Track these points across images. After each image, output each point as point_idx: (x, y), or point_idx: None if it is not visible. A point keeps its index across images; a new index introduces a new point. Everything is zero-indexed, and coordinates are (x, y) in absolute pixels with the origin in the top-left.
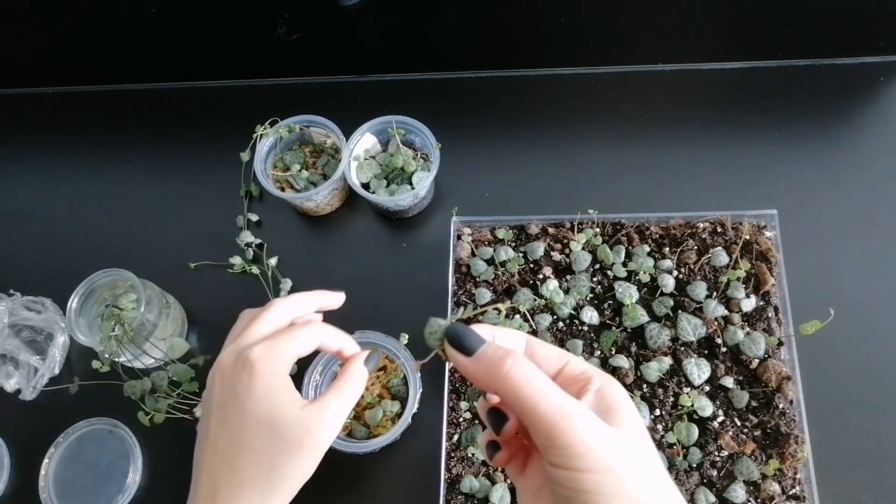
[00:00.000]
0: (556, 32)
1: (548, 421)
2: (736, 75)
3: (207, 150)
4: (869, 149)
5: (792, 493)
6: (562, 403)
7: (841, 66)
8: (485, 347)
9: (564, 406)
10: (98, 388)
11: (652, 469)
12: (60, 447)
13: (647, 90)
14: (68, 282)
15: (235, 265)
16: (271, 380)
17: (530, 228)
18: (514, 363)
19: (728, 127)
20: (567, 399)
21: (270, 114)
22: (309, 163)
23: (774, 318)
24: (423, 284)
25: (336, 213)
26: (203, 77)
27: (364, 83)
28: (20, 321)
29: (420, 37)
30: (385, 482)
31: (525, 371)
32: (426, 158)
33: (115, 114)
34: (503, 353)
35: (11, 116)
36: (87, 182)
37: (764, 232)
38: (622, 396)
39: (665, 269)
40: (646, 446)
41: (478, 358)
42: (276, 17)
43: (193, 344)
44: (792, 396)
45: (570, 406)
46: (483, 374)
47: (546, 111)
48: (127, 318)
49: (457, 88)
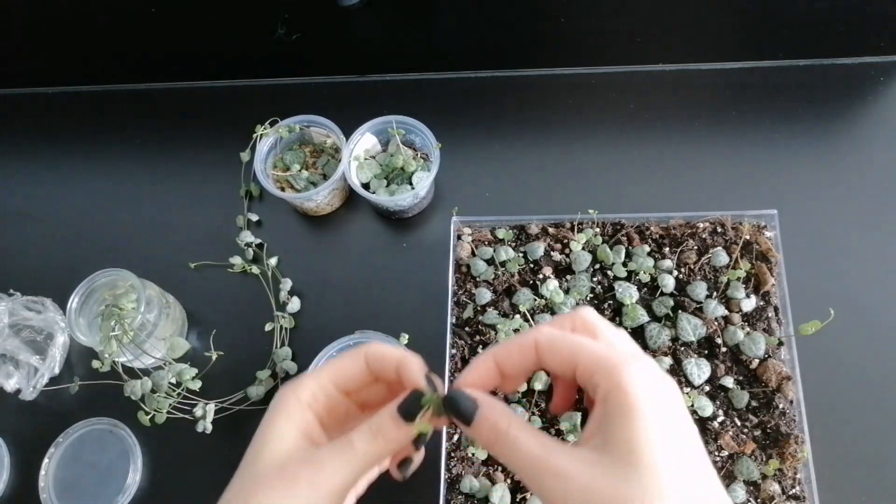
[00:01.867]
0: (556, 32)
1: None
2: (736, 75)
3: (207, 150)
4: (869, 149)
5: (792, 493)
6: (549, 455)
7: (841, 66)
8: (478, 419)
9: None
10: (98, 388)
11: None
12: (60, 447)
13: (647, 90)
14: (68, 282)
15: (235, 265)
16: (276, 410)
17: (530, 228)
18: (497, 439)
19: (728, 127)
20: (551, 450)
21: (270, 114)
22: (309, 163)
23: (774, 318)
24: (423, 284)
25: (336, 213)
26: (203, 77)
27: (364, 83)
28: (20, 321)
29: (420, 37)
30: (385, 482)
31: (507, 441)
32: (426, 158)
33: (114, 114)
34: (489, 426)
35: (11, 116)
36: (87, 182)
37: (764, 232)
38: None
39: (665, 269)
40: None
41: (475, 430)
42: (276, 17)
43: (193, 344)
44: (792, 396)
45: (556, 458)
46: (483, 441)
47: (546, 111)
48: (127, 318)
49: (457, 88)
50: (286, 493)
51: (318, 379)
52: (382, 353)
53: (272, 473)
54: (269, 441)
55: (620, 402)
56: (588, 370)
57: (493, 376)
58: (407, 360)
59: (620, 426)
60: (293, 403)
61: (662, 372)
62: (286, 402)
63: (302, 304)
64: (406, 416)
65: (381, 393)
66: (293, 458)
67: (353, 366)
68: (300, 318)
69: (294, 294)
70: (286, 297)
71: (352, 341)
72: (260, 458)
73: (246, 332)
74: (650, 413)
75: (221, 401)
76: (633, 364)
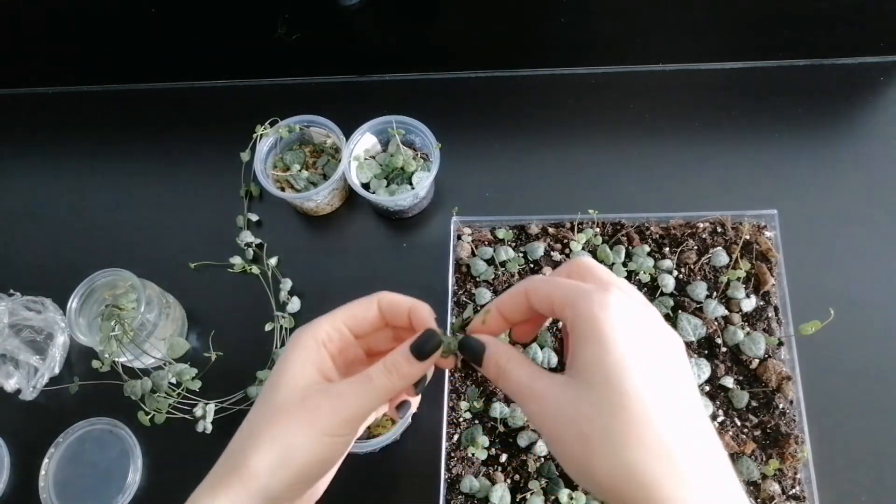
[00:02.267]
0: (555, 32)
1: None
2: (736, 75)
3: (207, 150)
4: (869, 149)
5: (792, 493)
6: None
7: (841, 66)
8: (485, 358)
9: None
10: (98, 388)
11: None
12: (60, 447)
13: (647, 90)
14: (68, 282)
15: (235, 265)
16: (295, 347)
17: (530, 228)
18: (499, 374)
19: (728, 127)
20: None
21: (270, 114)
22: (309, 163)
23: (774, 318)
24: (423, 284)
25: (336, 213)
26: (203, 77)
27: (364, 83)
28: (20, 321)
29: (420, 37)
30: (385, 482)
31: (504, 373)
32: (426, 158)
33: (115, 114)
34: (493, 363)
35: (11, 116)
36: (87, 182)
37: (764, 232)
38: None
39: (665, 269)
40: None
41: (483, 367)
42: (276, 17)
43: (193, 344)
44: (792, 396)
45: (536, 383)
46: (489, 376)
47: (546, 111)
48: (127, 318)
49: (457, 88)
50: (309, 420)
51: (332, 320)
52: (395, 299)
53: (294, 403)
54: (288, 375)
55: (581, 328)
56: (561, 304)
57: (498, 323)
58: (419, 305)
59: (581, 350)
60: (311, 341)
61: (637, 299)
62: (304, 340)
63: (302, 304)
64: (418, 354)
65: (386, 340)
66: (312, 391)
67: (366, 310)
68: (300, 318)
69: (294, 294)
70: (286, 297)
71: None
72: (279, 389)
73: (246, 332)
74: (608, 335)
75: (221, 401)
76: (597, 293)
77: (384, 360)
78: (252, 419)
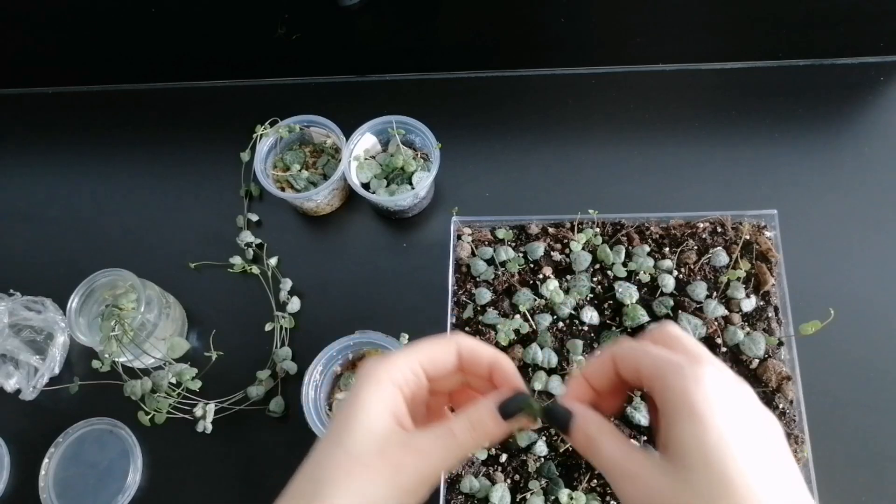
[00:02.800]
0: (556, 33)
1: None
2: (736, 75)
3: (207, 150)
4: (869, 149)
5: None
6: (625, 460)
7: (841, 66)
8: (573, 427)
9: (627, 464)
10: (98, 388)
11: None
12: (60, 447)
13: (647, 90)
14: (68, 282)
15: (235, 265)
16: (369, 385)
17: (530, 228)
18: (588, 445)
19: (728, 127)
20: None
21: (270, 114)
22: (309, 163)
23: (774, 318)
24: (423, 284)
25: (336, 213)
26: (203, 77)
27: (364, 83)
28: (20, 321)
29: (420, 37)
30: None
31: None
32: (426, 158)
33: (115, 114)
34: (582, 433)
35: (11, 116)
36: (87, 182)
37: (764, 232)
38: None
39: (665, 269)
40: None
41: (571, 437)
42: (276, 17)
43: (193, 344)
44: (792, 396)
45: (630, 463)
46: (577, 446)
47: (546, 111)
48: (127, 318)
49: (457, 88)
50: (392, 476)
51: (409, 361)
52: (476, 349)
53: (373, 455)
54: (364, 418)
55: (674, 403)
56: (649, 375)
57: (585, 391)
58: (502, 360)
59: (676, 428)
60: (385, 382)
61: (729, 375)
62: (379, 381)
63: (302, 304)
64: (505, 414)
65: (453, 384)
66: (391, 442)
67: (445, 353)
68: (300, 318)
69: (294, 294)
70: (286, 297)
71: (352, 341)
72: (353, 435)
73: (246, 332)
74: (704, 413)
75: (221, 401)
76: (690, 367)
77: (467, 414)
78: (324, 463)
